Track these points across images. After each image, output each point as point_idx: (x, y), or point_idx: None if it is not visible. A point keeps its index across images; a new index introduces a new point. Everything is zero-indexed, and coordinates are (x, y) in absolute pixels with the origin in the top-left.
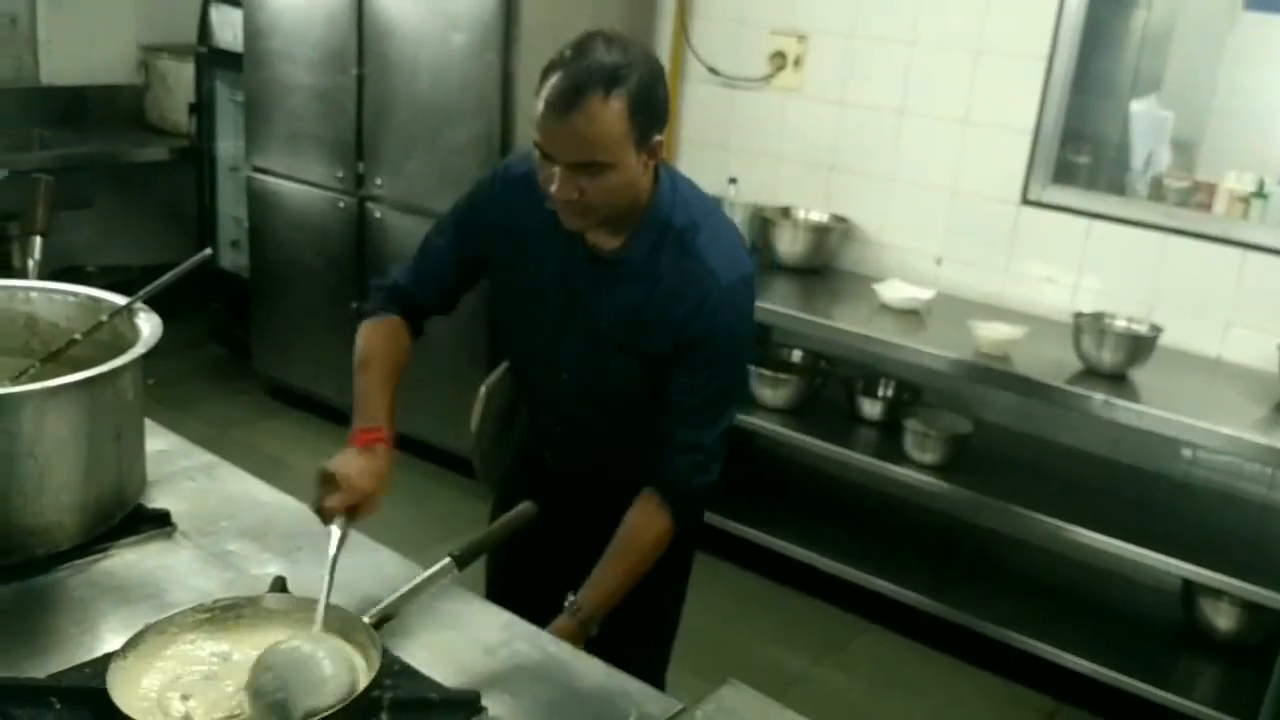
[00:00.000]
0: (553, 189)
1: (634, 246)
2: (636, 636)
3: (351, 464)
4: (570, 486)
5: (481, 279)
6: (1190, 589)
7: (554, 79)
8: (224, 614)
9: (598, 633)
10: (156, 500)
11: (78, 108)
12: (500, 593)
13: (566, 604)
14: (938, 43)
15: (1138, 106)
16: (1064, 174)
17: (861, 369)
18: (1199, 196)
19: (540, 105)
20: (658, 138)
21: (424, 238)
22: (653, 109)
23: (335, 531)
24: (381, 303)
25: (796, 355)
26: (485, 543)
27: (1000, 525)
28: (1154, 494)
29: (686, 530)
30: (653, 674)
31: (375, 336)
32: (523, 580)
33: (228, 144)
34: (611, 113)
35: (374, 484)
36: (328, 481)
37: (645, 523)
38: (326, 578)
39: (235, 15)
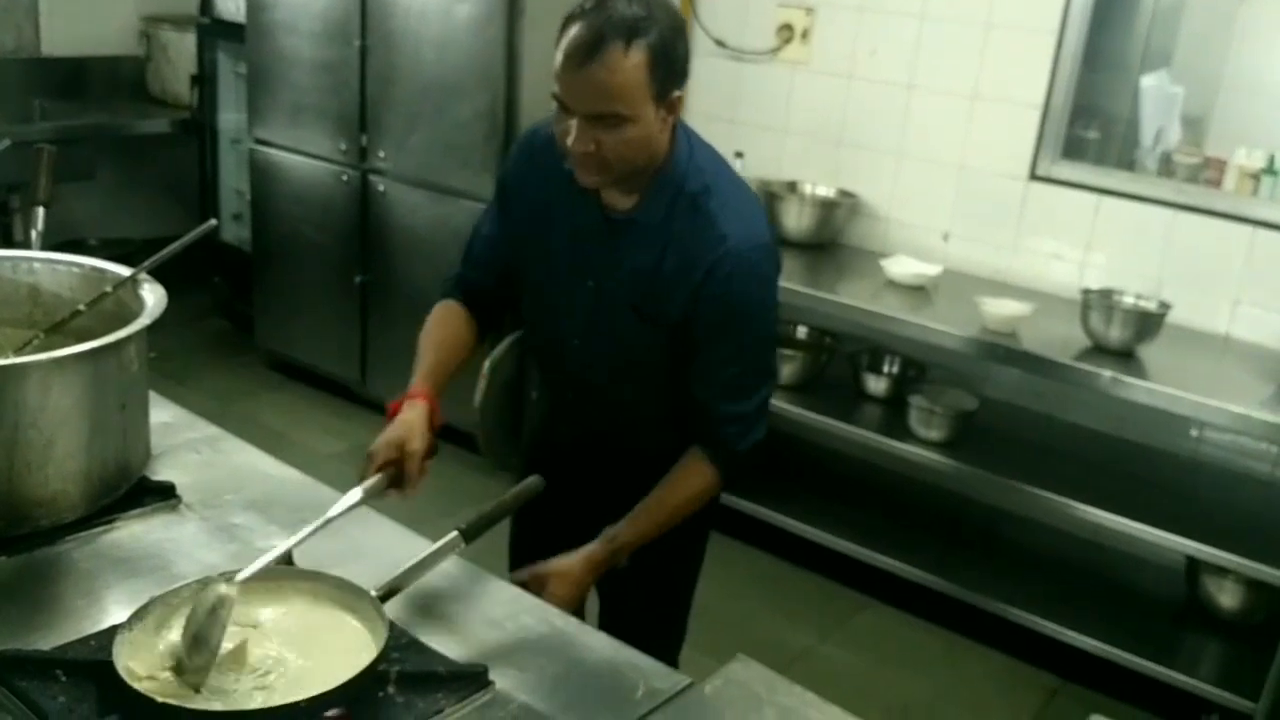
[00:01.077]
0: (569, 141)
1: (647, 208)
2: (651, 614)
3: (384, 432)
4: (588, 459)
5: None
6: (1194, 566)
7: (574, 29)
8: (230, 585)
9: (626, 564)
10: (161, 472)
11: (79, 79)
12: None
13: (603, 532)
14: (947, 16)
15: (1148, 82)
16: (1073, 149)
17: (867, 345)
18: (1208, 173)
19: (559, 56)
20: (677, 93)
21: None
22: (673, 63)
23: (352, 495)
24: (447, 291)
25: (802, 331)
26: (492, 516)
27: (1005, 502)
28: (1160, 472)
29: (734, 482)
30: (667, 652)
31: (430, 320)
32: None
33: (229, 116)
34: (631, 64)
35: (403, 431)
36: (370, 459)
37: (692, 472)
38: (303, 532)
39: None
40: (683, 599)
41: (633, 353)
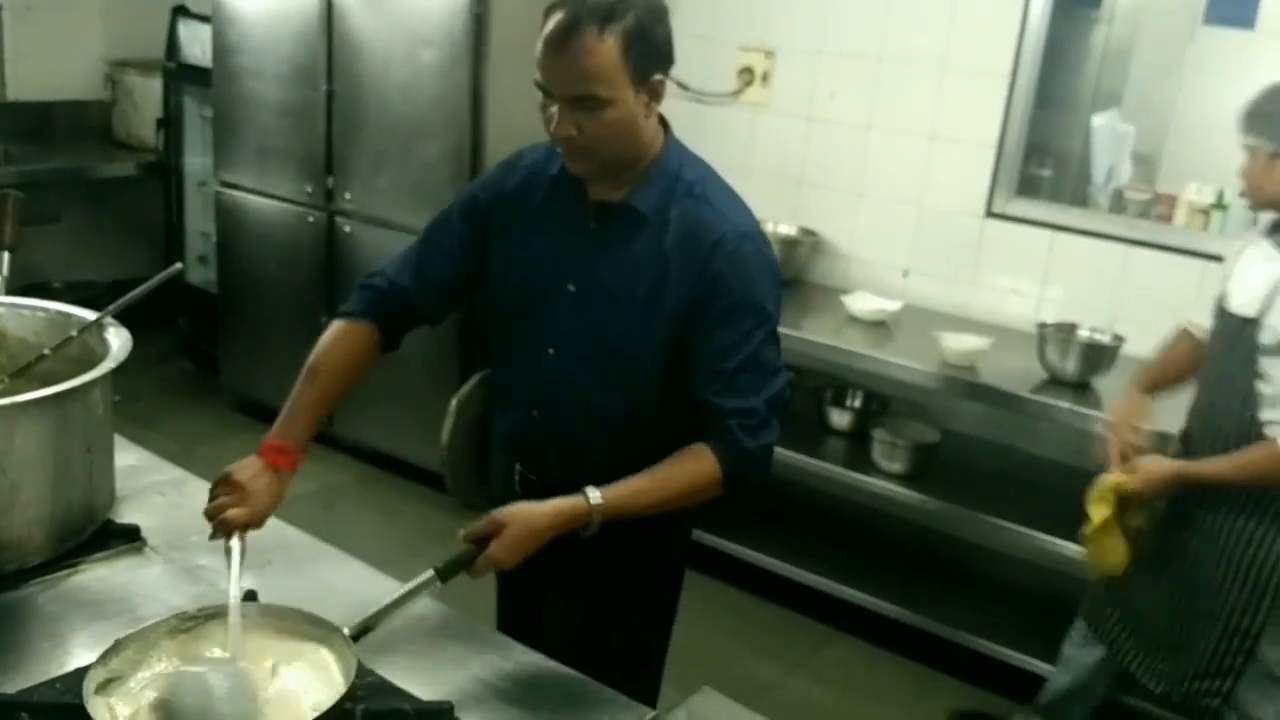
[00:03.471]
0: (553, 127)
1: (642, 194)
2: (628, 653)
3: (259, 480)
4: (546, 494)
5: (477, 284)
6: None
7: (553, 16)
8: (196, 625)
9: (593, 533)
10: (126, 515)
11: (44, 123)
12: (513, 626)
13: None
14: (903, 59)
15: (1099, 120)
16: (1027, 187)
17: (830, 380)
18: (1160, 208)
19: (539, 43)
20: (658, 76)
21: (424, 229)
22: (651, 45)
23: (236, 545)
24: (365, 304)
25: None
26: (468, 556)
27: (968, 533)
28: None
29: (739, 490)
30: (645, 693)
31: (338, 346)
32: (533, 608)
33: (195, 159)
34: (606, 46)
35: (272, 505)
36: (232, 488)
37: (692, 458)
38: (234, 594)
39: (204, 31)
40: (660, 633)
41: (619, 357)
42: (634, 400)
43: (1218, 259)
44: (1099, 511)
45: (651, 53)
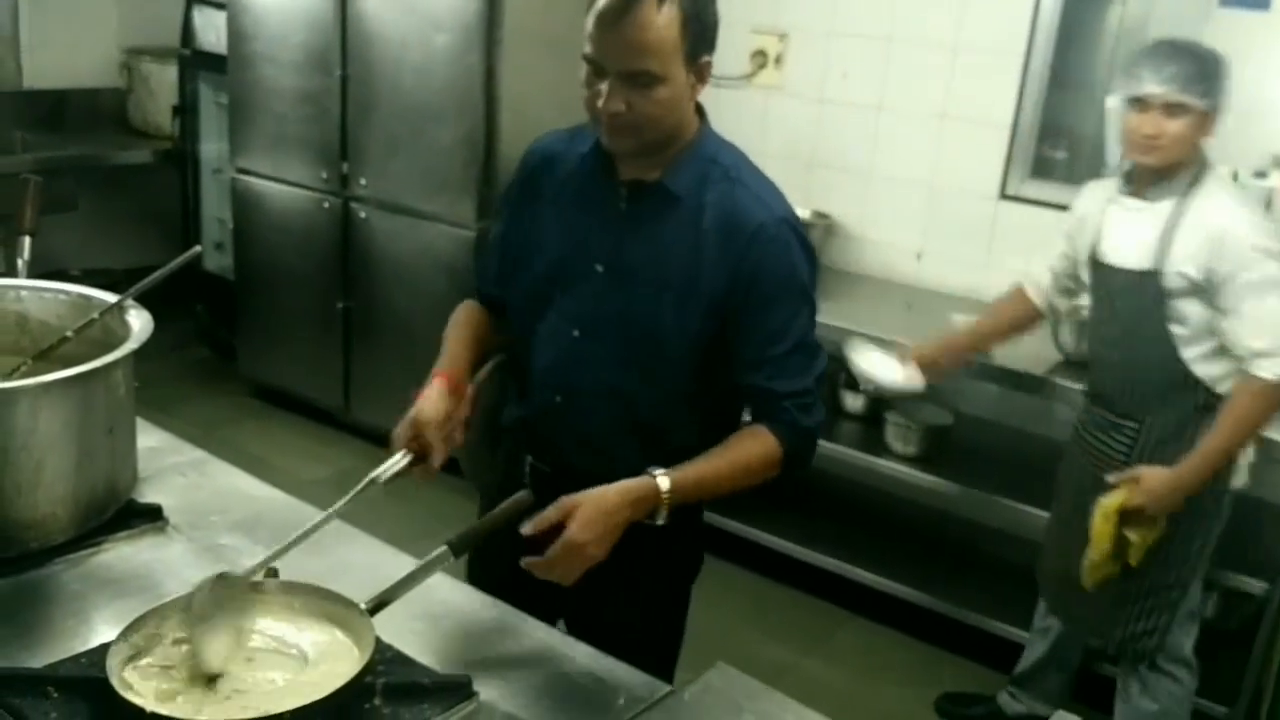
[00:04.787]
0: (600, 103)
1: (677, 175)
2: (645, 635)
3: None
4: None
5: None
6: None
7: None
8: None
9: (664, 521)
10: (148, 495)
11: (60, 111)
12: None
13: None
14: (916, 40)
15: (1113, 101)
16: (1041, 169)
17: (844, 364)
18: None
19: (592, 19)
20: (706, 58)
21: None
22: (704, 25)
23: (372, 475)
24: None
25: None
26: (480, 530)
27: (981, 516)
28: None
29: (796, 469)
30: (661, 674)
31: (452, 318)
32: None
33: (211, 146)
34: (664, 21)
35: (417, 408)
36: (392, 444)
37: (753, 439)
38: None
39: (218, 18)
40: (678, 614)
41: (648, 340)
42: (662, 388)
43: None
44: (1103, 538)
45: (704, 33)
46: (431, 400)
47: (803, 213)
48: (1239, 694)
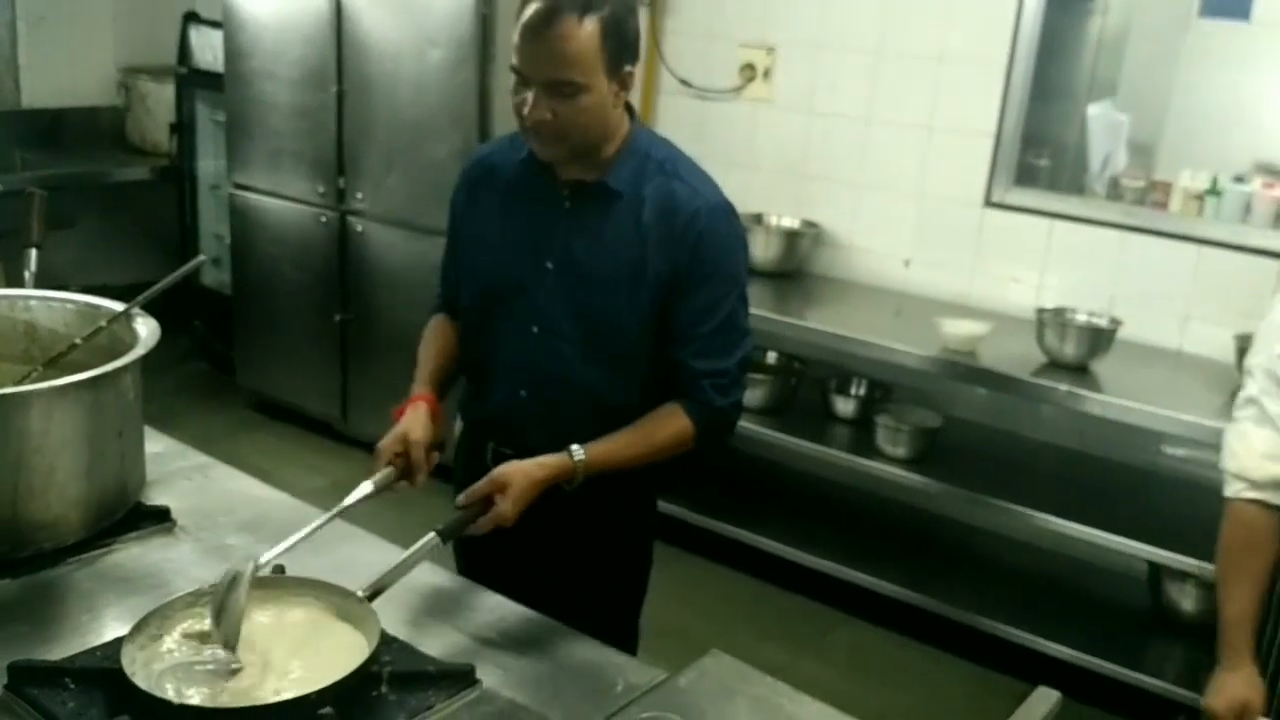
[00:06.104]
0: (526, 111)
1: (616, 172)
2: (605, 604)
3: (389, 432)
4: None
5: None
6: (1157, 573)
7: (533, 4)
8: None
9: (575, 488)
10: (155, 498)
11: (59, 130)
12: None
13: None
14: (901, 52)
15: (1094, 110)
16: (1025, 176)
17: (835, 369)
18: (1155, 195)
19: (517, 31)
20: (629, 68)
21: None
22: (624, 37)
23: (364, 487)
24: (432, 311)
25: (772, 357)
26: (467, 518)
27: (972, 516)
28: (1119, 483)
29: (710, 450)
30: (625, 643)
31: (425, 333)
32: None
33: (208, 162)
34: (585, 33)
35: (405, 426)
36: (377, 456)
37: (668, 415)
38: (318, 520)
39: (215, 36)
40: (637, 583)
41: (606, 331)
42: (624, 374)
43: (1213, 243)
44: None
45: (625, 44)
46: (420, 421)
47: (792, 222)
48: None
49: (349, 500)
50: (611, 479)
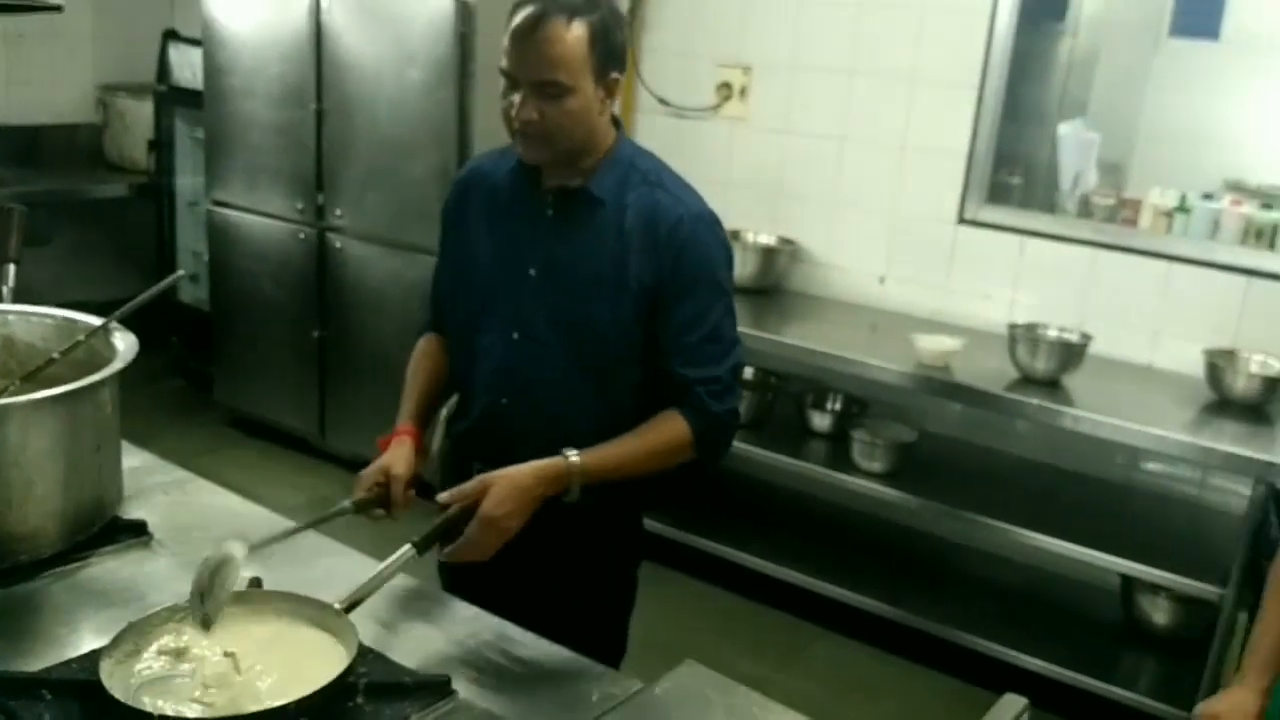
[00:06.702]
0: (514, 112)
1: (599, 180)
2: (592, 620)
3: (374, 462)
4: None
5: None
6: (1129, 586)
7: (523, 9)
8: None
9: (575, 498)
10: (132, 512)
11: (36, 146)
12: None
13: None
14: (875, 73)
15: (1065, 129)
16: (997, 194)
17: (811, 384)
18: (1125, 213)
19: (508, 35)
20: (615, 75)
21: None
22: (611, 45)
23: (344, 504)
24: (420, 331)
25: (749, 373)
26: (441, 529)
27: (946, 530)
28: (1092, 497)
29: (709, 454)
30: (610, 658)
31: (413, 356)
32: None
33: (186, 180)
34: (573, 37)
35: (389, 459)
36: (359, 481)
37: (666, 422)
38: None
39: (194, 54)
40: (625, 599)
41: (586, 337)
42: (605, 382)
43: (1182, 260)
44: None
45: (612, 52)
46: (402, 458)
47: (769, 239)
48: (1196, 699)
49: (331, 511)
50: (601, 495)
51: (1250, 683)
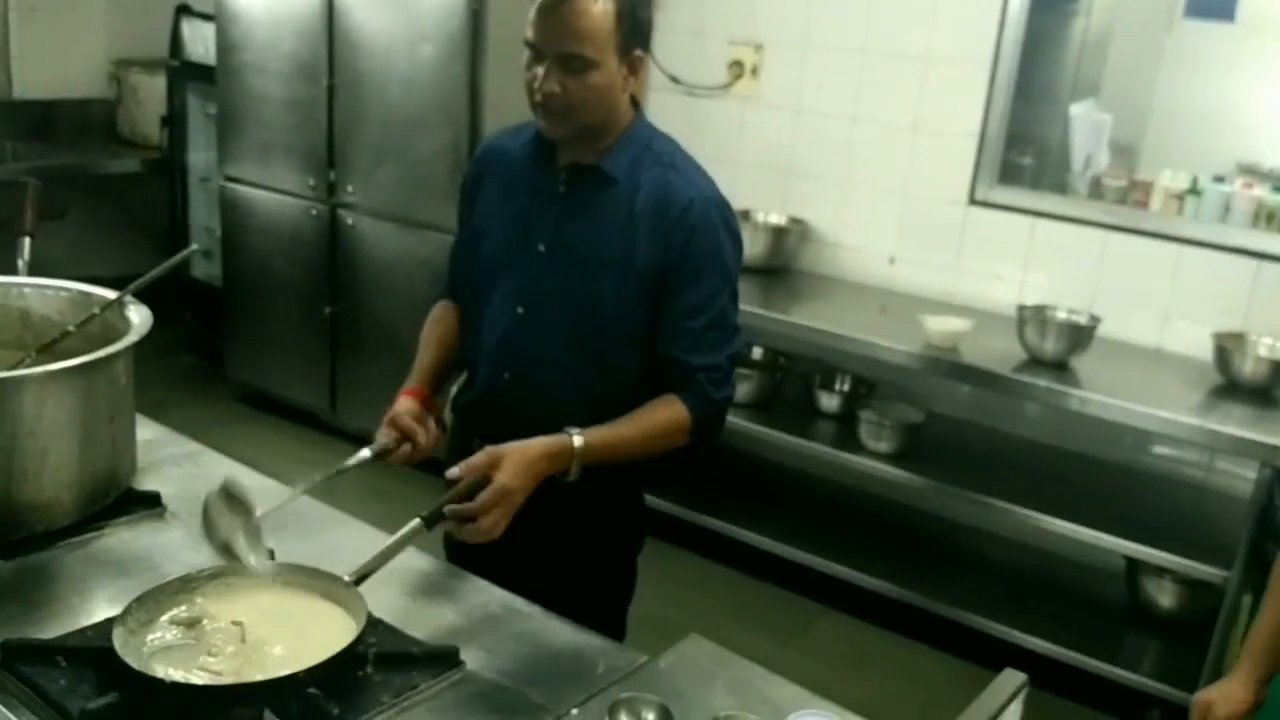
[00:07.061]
0: (537, 85)
1: (613, 159)
2: (590, 606)
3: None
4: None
5: None
6: (1134, 568)
7: None
8: (215, 580)
9: (574, 478)
10: (146, 484)
11: (50, 121)
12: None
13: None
14: (888, 52)
15: (1077, 110)
16: (1009, 175)
17: (819, 365)
18: (1136, 195)
19: (534, 7)
20: (639, 53)
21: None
22: (638, 22)
23: (363, 453)
24: (436, 297)
25: (757, 352)
26: (448, 502)
27: (952, 510)
28: (1099, 479)
29: (703, 444)
30: (613, 632)
31: (428, 319)
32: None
33: (199, 155)
34: (600, 10)
35: (397, 407)
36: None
37: (665, 406)
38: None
39: (207, 29)
40: (626, 574)
41: (590, 314)
42: (607, 362)
43: (1193, 242)
44: None
45: (638, 29)
46: (406, 406)
47: (778, 219)
48: (1199, 681)
49: (350, 461)
50: (601, 475)
51: (1241, 675)
